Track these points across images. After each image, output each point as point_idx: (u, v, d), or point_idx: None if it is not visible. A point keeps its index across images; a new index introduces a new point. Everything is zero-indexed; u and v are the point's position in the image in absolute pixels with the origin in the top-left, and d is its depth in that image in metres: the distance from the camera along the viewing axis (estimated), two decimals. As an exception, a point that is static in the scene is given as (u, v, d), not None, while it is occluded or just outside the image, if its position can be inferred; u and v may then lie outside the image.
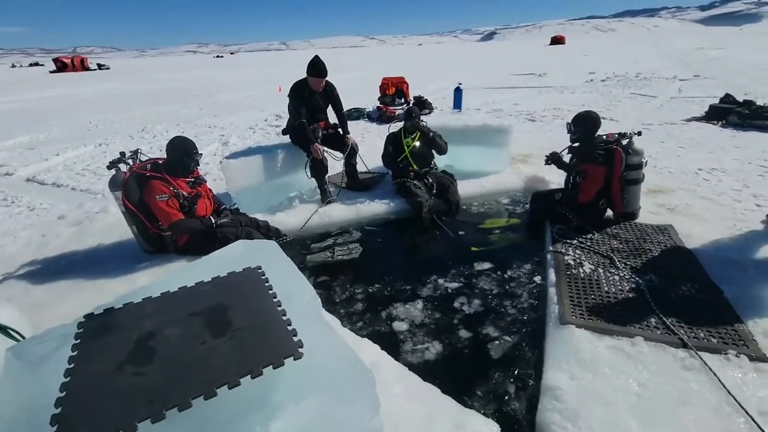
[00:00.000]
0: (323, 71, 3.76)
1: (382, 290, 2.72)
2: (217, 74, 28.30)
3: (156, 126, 9.21)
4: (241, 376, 1.08)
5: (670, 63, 17.07)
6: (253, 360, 1.13)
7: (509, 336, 2.23)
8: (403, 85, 9.94)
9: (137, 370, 1.12)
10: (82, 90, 20.17)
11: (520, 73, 16.37)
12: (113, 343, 1.24)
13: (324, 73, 3.77)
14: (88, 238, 3.48)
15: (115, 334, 1.28)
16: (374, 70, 20.64)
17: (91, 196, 4.70)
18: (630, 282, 2.45)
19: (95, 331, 1.30)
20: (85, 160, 6.44)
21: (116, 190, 2.96)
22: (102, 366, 1.14)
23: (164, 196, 2.79)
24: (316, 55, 3.87)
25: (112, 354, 1.19)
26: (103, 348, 1.22)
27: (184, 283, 1.55)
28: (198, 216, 2.97)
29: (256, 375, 1.08)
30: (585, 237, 2.99)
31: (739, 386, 1.72)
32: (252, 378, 1.08)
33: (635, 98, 9.14)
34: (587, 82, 12.57)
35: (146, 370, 1.12)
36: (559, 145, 3.57)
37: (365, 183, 4.41)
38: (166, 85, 21.26)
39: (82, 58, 46.94)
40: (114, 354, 1.19)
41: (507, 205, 4.02)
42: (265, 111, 10.39)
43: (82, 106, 13.61)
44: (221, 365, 1.11)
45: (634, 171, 3.02)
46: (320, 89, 3.87)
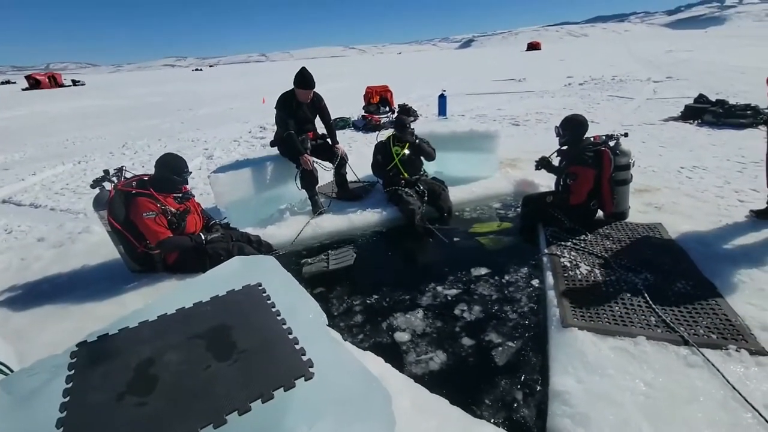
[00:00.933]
0: (311, 83, 3.74)
1: (381, 300, 2.68)
2: (197, 88, 28.01)
3: (137, 141, 9.03)
4: (251, 401, 1.03)
5: (642, 66, 17.66)
6: (262, 383, 1.08)
7: (512, 341, 2.21)
8: (387, 93, 10.00)
9: (139, 401, 1.06)
10: (56, 107, 19.68)
11: (501, 79, 16.68)
12: (111, 372, 1.17)
13: (311, 84, 3.75)
14: (71, 260, 3.35)
15: (112, 363, 1.21)
16: (357, 80, 20.77)
17: (72, 216, 4.55)
18: (627, 282, 2.47)
19: (90, 360, 1.23)
20: (63, 179, 6.25)
21: (101, 209, 2.86)
22: (101, 397, 1.08)
23: (152, 213, 2.71)
24: (303, 67, 3.84)
25: (111, 384, 1.12)
26: (100, 378, 1.15)
27: (181, 305, 1.49)
28: (187, 233, 2.89)
29: (267, 399, 1.04)
30: (578, 238, 3.02)
31: (743, 381, 1.74)
32: (263, 402, 1.03)
33: (613, 100, 9.39)
34: (566, 86, 12.88)
35: (149, 399, 1.06)
36: (545, 148, 3.62)
37: (356, 193, 4.38)
38: (145, 99, 20.93)
39: (56, 74, 45.89)
40: (112, 384, 1.12)
41: (498, 210, 4.04)
42: (249, 123, 10.31)
43: (57, 124, 13.26)
44: (229, 390, 1.06)
45: (622, 171, 3.07)
46: (308, 101, 3.85)
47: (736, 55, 19.23)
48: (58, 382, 1.16)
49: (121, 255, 3.00)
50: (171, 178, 2.85)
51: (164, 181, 2.85)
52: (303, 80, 3.71)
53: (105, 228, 2.92)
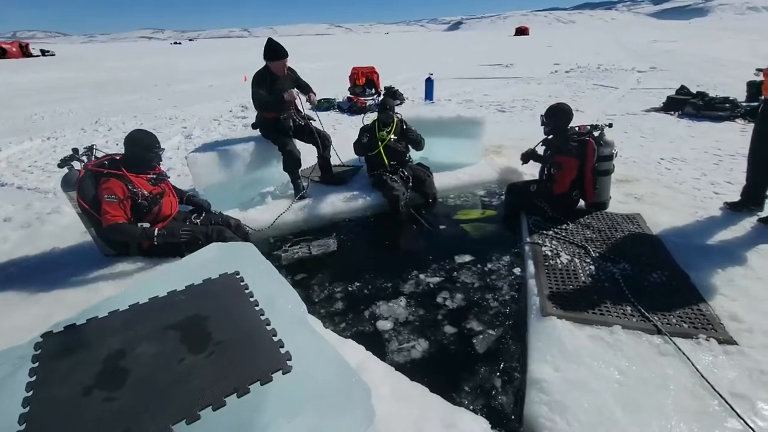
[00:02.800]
0: (283, 52, 3.57)
1: (363, 288, 2.66)
2: (176, 62, 26.92)
3: (111, 118, 8.64)
4: (226, 396, 1.00)
5: (627, 55, 17.80)
6: (238, 377, 1.05)
7: (493, 330, 2.24)
8: (374, 75, 9.81)
9: (108, 395, 1.02)
10: (24, 78, 18.63)
11: (488, 64, 16.56)
12: (78, 364, 1.12)
13: (284, 53, 3.58)
14: (39, 242, 3.21)
15: (80, 355, 1.16)
16: (343, 60, 20.28)
17: (40, 196, 4.34)
18: (605, 271, 2.52)
19: (56, 352, 1.18)
20: (31, 156, 5.95)
21: (69, 189, 2.71)
22: (66, 392, 1.03)
23: (113, 198, 2.52)
24: (269, 38, 3.66)
25: (78, 377, 1.07)
26: (66, 371, 1.10)
27: (155, 293, 1.44)
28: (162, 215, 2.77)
29: (243, 393, 1.01)
30: (560, 227, 3.05)
31: (711, 369, 1.80)
32: (238, 397, 1.00)
33: (598, 89, 9.46)
34: (552, 73, 12.89)
35: (118, 394, 1.02)
36: (530, 135, 3.61)
37: (340, 176, 4.31)
38: (120, 73, 20.01)
39: (23, 43, 43.28)
40: (80, 377, 1.07)
41: (483, 197, 4.05)
42: (230, 101, 9.98)
43: (24, 97, 12.57)
44: (203, 384, 1.03)
45: (605, 162, 3.10)
46: (284, 72, 3.69)
47: (717, 47, 19.56)
48: (22, 375, 1.10)
49: (93, 238, 2.88)
50: (142, 155, 2.68)
51: (135, 158, 2.68)
52: (274, 51, 3.55)
53: (75, 210, 2.79)
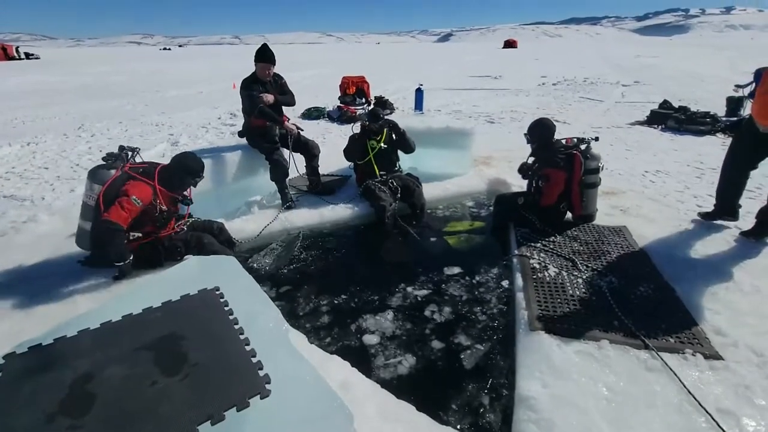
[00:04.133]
0: (271, 57, 3.66)
1: (350, 301, 2.61)
2: (165, 68, 26.66)
3: (95, 124, 8.46)
4: (199, 423, 0.94)
5: (612, 69, 18.25)
6: (212, 402, 1.00)
7: (481, 344, 2.21)
8: (364, 84, 9.84)
9: (72, 423, 0.95)
10: (5, 82, 18.21)
11: (477, 75, 16.79)
12: (41, 389, 1.05)
13: (271, 58, 3.66)
14: (13, 253, 3.08)
15: (44, 378, 1.09)
16: (333, 68, 20.35)
17: (17, 203, 4.19)
18: (592, 284, 2.51)
19: (18, 375, 1.10)
20: (9, 162, 5.77)
21: (96, 182, 2.58)
22: (26, 420, 0.96)
23: (139, 202, 2.49)
24: (264, 43, 3.75)
25: (40, 403, 1.00)
26: (27, 396, 1.03)
27: (129, 310, 1.37)
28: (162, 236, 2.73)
29: (217, 420, 0.96)
30: (548, 240, 3.06)
31: (697, 385, 1.79)
32: (212, 425, 0.95)
33: (584, 102, 9.64)
34: (540, 85, 13.12)
35: (83, 422, 0.96)
36: (518, 146, 3.63)
37: (328, 186, 4.27)
38: (107, 78, 19.70)
39: (6, 46, 42.44)
40: (42, 403, 1.00)
41: (471, 208, 4.05)
42: (219, 108, 9.89)
43: (5, 100, 12.24)
44: (175, 411, 0.97)
45: (592, 175, 3.12)
46: (268, 77, 3.73)
47: (697, 63, 20.20)
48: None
49: (79, 230, 2.71)
50: (183, 178, 2.73)
51: (175, 178, 2.71)
52: (263, 54, 3.63)
53: (88, 201, 2.63)
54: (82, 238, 2.72)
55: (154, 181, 2.63)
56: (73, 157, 5.98)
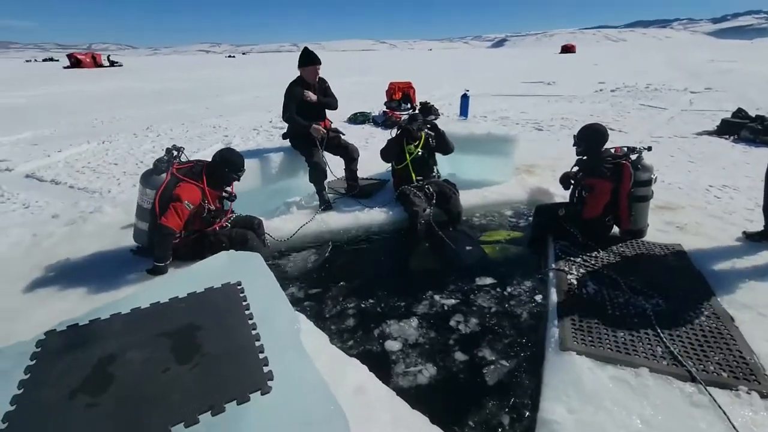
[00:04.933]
0: (315, 58, 3.73)
1: (376, 305, 2.61)
2: (227, 74, 28.44)
3: (161, 125, 9.19)
4: (200, 413, 0.98)
5: (681, 75, 16.87)
6: (216, 393, 1.03)
7: (506, 360, 2.11)
8: (410, 90, 9.86)
9: (91, 401, 1.03)
10: (92, 87, 20.30)
11: (529, 81, 16.23)
12: (71, 366, 1.14)
13: (316, 59, 3.72)
14: (79, 240, 3.41)
15: (75, 356, 1.19)
16: (383, 74, 20.61)
17: (87, 195, 4.64)
18: (636, 306, 2.32)
19: (54, 352, 1.21)
20: (86, 158, 6.41)
21: (150, 187, 2.78)
22: (54, 394, 1.05)
23: (190, 205, 2.69)
24: (305, 46, 3.82)
25: (67, 380, 1.09)
26: (58, 372, 1.12)
27: (158, 298, 1.46)
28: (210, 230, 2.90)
29: (218, 412, 0.99)
30: (589, 255, 2.87)
31: (750, 427, 1.59)
32: (212, 415, 0.98)
33: (645, 110, 8.98)
34: (597, 92, 12.42)
35: (101, 400, 1.03)
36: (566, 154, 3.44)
37: (365, 190, 4.31)
38: (176, 84, 21.36)
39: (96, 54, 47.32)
40: (69, 380, 1.09)
41: (510, 218, 3.90)
42: (272, 112, 10.34)
43: (90, 103, 13.65)
44: (181, 399, 1.02)
45: (643, 187, 2.89)
46: (315, 80, 3.80)
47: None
48: (19, 372, 1.14)
49: (135, 229, 2.93)
50: (226, 174, 2.89)
51: (219, 174, 2.88)
52: (307, 57, 3.70)
53: (143, 204, 2.82)
54: (139, 235, 2.94)
55: (203, 182, 2.79)
56: (138, 154, 6.52)
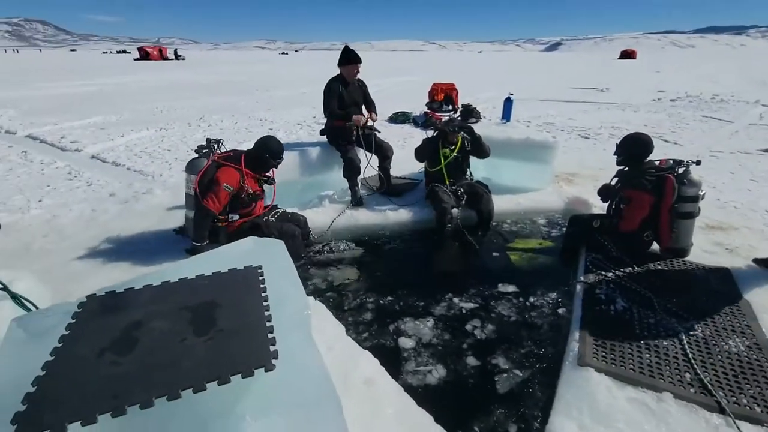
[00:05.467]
0: (356, 58, 3.80)
1: (395, 302, 2.64)
2: (279, 70, 29.48)
3: (213, 115, 9.72)
4: (208, 381, 1.05)
5: (754, 86, 15.46)
6: (224, 365, 1.10)
7: (520, 370, 2.07)
8: (453, 91, 9.77)
9: (115, 359, 1.13)
10: (157, 77, 21.80)
11: (581, 87, 15.54)
12: (103, 327, 1.27)
13: (356, 58, 3.80)
14: (131, 217, 3.71)
15: (108, 319, 1.31)
16: (429, 75, 20.52)
17: (141, 177, 5.02)
18: (668, 328, 2.19)
19: (92, 313, 1.34)
20: (144, 143, 6.92)
21: (192, 173, 2.98)
22: (85, 350, 1.17)
23: (229, 188, 2.83)
24: (346, 45, 3.89)
25: (98, 339, 1.21)
26: (92, 331, 1.25)
27: (186, 274, 1.57)
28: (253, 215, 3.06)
29: (223, 382, 1.06)
30: (623, 270, 2.73)
31: (782, 469, 1.47)
32: (218, 385, 1.05)
33: (707, 122, 8.34)
34: (654, 100, 11.67)
35: (123, 360, 1.13)
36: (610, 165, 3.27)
37: (397, 188, 4.34)
38: (231, 77, 22.46)
39: (162, 48, 50.74)
40: (100, 339, 1.21)
41: (543, 226, 3.79)
42: (316, 108, 10.61)
43: (154, 93, 14.68)
44: (192, 366, 1.10)
45: (688, 203, 2.71)
46: (354, 76, 3.87)
47: None
48: (61, 329, 1.28)
49: (186, 220, 3.15)
50: (267, 160, 3.04)
51: (259, 159, 3.03)
52: (346, 55, 3.78)
53: (187, 191, 3.02)
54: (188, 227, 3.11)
55: (241, 165, 2.94)
56: (191, 143, 6.94)
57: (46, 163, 5.61)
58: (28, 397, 1.01)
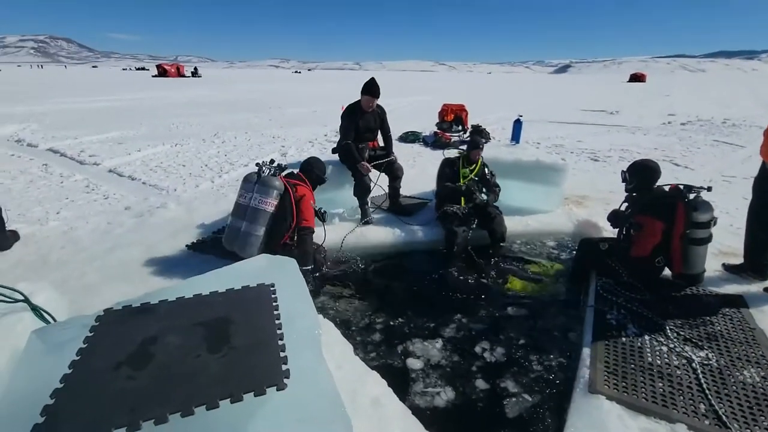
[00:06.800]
0: (376, 92, 3.92)
1: (403, 322, 2.64)
2: (292, 88, 30.18)
3: (227, 132, 9.94)
4: (221, 399, 1.07)
5: (766, 110, 15.38)
6: (237, 383, 1.12)
7: (529, 395, 2.04)
8: (462, 112, 9.89)
9: (131, 374, 1.16)
10: (174, 94, 22.45)
11: (590, 109, 15.63)
12: (119, 341, 1.30)
13: (376, 93, 3.91)
14: (144, 231, 3.78)
15: (124, 333, 1.34)
16: (438, 95, 20.83)
17: (156, 191, 5.13)
18: (680, 356, 2.15)
19: (108, 327, 1.38)
20: (159, 158, 7.09)
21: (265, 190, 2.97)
22: (102, 363, 1.20)
23: (314, 205, 3.17)
24: (372, 77, 4.03)
25: (115, 353, 1.24)
26: (109, 345, 1.28)
27: (200, 290, 1.61)
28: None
29: (236, 400, 1.07)
30: (634, 296, 2.70)
31: None
32: (231, 402, 1.07)
33: (718, 146, 8.30)
34: (665, 124, 11.68)
35: (139, 375, 1.16)
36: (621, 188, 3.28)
37: (407, 208, 4.38)
38: (245, 95, 23.03)
39: (180, 65, 52.43)
40: (116, 353, 1.24)
41: (552, 249, 3.77)
42: (327, 126, 10.83)
43: (170, 109, 15.10)
44: (206, 383, 1.12)
45: (700, 229, 2.68)
46: (370, 109, 3.99)
47: None
48: (79, 341, 1.31)
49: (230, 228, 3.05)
50: (320, 178, 3.43)
51: (315, 178, 3.39)
52: (369, 88, 3.90)
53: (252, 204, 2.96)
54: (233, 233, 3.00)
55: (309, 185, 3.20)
56: (204, 158, 7.10)
57: (66, 176, 5.77)
58: (47, 410, 1.04)
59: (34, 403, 1.08)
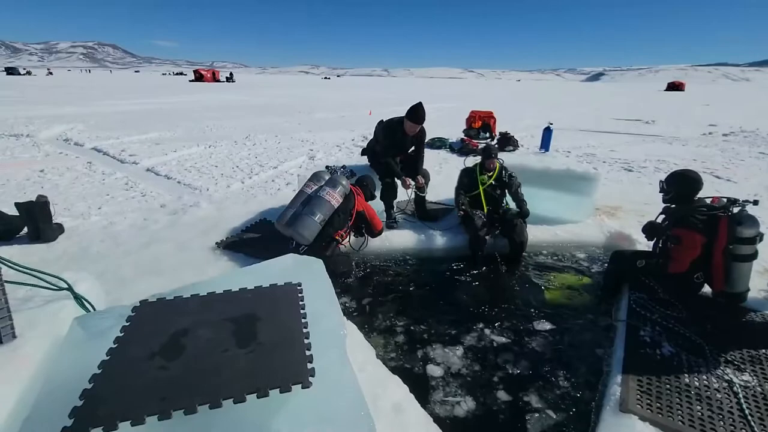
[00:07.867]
0: (421, 118, 3.83)
1: (425, 328, 2.61)
2: (321, 94, 30.72)
3: (258, 135, 10.21)
4: (247, 393, 1.09)
5: (820, 122, 14.42)
6: (263, 379, 1.14)
7: (554, 412, 1.97)
8: (491, 119, 9.78)
9: (163, 364, 1.20)
10: (209, 98, 23.30)
11: (625, 118, 15.11)
12: (154, 332, 1.35)
13: (422, 120, 3.85)
14: (177, 228, 3.92)
15: (158, 324, 1.39)
16: (467, 102, 20.69)
17: (190, 190, 5.32)
18: (720, 379, 2.03)
19: (144, 318, 1.43)
20: (193, 159, 7.36)
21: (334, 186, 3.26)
22: (137, 352, 1.25)
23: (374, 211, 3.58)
24: (420, 102, 3.87)
25: (149, 343, 1.29)
26: (144, 335, 1.33)
27: (230, 287, 1.65)
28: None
29: (262, 395, 1.09)
30: (670, 313, 2.57)
31: None
32: (258, 397, 1.09)
33: (764, 158, 7.84)
34: (705, 134, 11.14)
35: (171, 365, 1.20)
36: (656, 200, 3.14)
37: (432, 214, 4.36)
38: (276, 100, 23.62)
39: (215, 71, 54.50)
40: (150, 343, 1.29)
41: (581, 261, 3.65)
42: (354, 131, 10.95)
43: (205, 112, 15.67)
44: (233, 377, 1.15)
45: (744, 245, 2.53)
46: (413, 134, 3.95)
47: None
48: (116, 331, 1.37)
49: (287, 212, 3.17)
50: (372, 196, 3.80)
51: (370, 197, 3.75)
52: (415, 115, 3.80)
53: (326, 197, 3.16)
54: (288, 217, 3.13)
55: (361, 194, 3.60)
56: (236, 160, 7.32)
57: (107, 173, 6.08)
58: (85, 393, 1.09)
59: (74, 387, 1.13)
